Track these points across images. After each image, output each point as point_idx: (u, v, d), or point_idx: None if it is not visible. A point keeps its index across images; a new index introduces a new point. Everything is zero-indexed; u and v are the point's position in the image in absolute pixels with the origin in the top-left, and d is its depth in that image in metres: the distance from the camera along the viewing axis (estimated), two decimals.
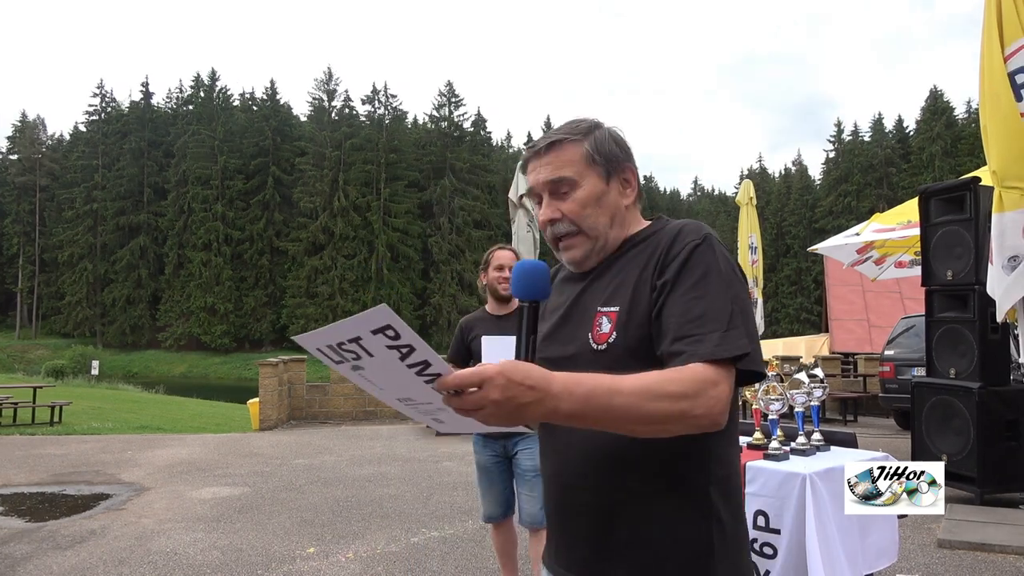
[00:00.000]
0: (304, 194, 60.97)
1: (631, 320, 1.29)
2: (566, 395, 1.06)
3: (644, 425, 1.13)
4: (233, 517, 5.82)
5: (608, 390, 1.09)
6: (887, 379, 11.06)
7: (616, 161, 1.41)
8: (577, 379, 1.09)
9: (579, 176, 1.38)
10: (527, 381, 1.04)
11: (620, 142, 1.44)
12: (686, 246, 1.27)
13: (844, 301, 20.64)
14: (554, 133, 1.42)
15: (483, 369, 1.03)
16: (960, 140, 57.90)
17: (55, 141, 69.73)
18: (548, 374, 1.07)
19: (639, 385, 1.11)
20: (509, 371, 1.03)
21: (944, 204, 6.05)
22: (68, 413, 12.78)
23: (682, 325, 1.20)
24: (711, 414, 1.14)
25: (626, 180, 1.43)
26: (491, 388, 1.02)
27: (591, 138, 1.40)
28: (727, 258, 1.29)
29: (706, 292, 1.22)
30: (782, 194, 69.45)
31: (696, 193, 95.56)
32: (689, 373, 1.14)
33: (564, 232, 1.40)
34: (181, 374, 53.89)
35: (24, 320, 64.34)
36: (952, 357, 5.93)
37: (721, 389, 1.15)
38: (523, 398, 1.04)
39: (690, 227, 1.33)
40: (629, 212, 1.43)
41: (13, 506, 6.23)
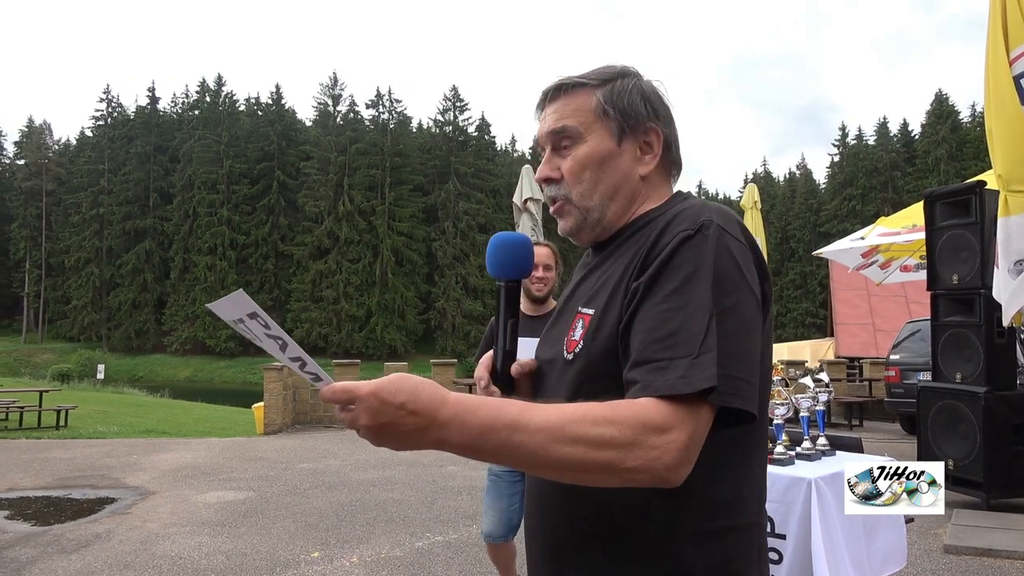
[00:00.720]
0: (309, 198, 61.13)
1: (600, 329, 1.06)
2: (456, 425, 0.89)
3: (556, 472, 0.91)
4: (238, 521, 5.83)
5: (511, 424, 0.88)
6: (893, 383, 11.03)
7: (636, 118, 1.14)
8: (476, 406, 0.90)
9: (584, 128, 1.14)
10: (409, 404, 0.88)
11: (650, 97, 1.16)
12: (674, 238, 1.01)
13: (849, 305, 20.61)
14: (573, 78, 1.17)
15: (356, 387, 0.89)
16: (965, 144, 57.76)
17: (62, 146, 70.08)
18: (439, 397, 0.89)
19: (552, 422, 0.89)
20: (385, 391, 0.88)
21: (949, 208, 6.04)
22: (74, 417, 12.82)
23: (647, 346, 0.95)
24: (652, 469, 0.88)
25: (647, 144, 1.15)
26: (361, 410, 0.88)
27: (609, 86, 1.15)
28: (728, 253, 1.00)
29: (686, 302, 0.95)
30: (787, 198, 69.34)
31: (701, 197, 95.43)
32: (628, 413, 0.89)
33: (556, 195, 1.17)
34: (186, 378, 53.99)
35: (30, 324, 64.56)
36: (958, 361, 5.90)
37: (672, 437, 0.88)
38: (402, 424, 0.88)
39: (687, 212, 1.06)
40: (648, 184, 1.16)
41: (19, 510, 6.24)
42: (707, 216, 1.02)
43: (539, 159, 1.23)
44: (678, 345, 0.93)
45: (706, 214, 1.03)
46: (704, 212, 1.04)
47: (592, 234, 1.18)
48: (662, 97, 1.18)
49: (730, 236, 1.01)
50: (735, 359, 0.94)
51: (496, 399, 0.95)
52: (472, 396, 0.93)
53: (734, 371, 0.94)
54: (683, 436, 0.89)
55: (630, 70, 1.19)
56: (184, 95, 68.36)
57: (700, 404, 0.91)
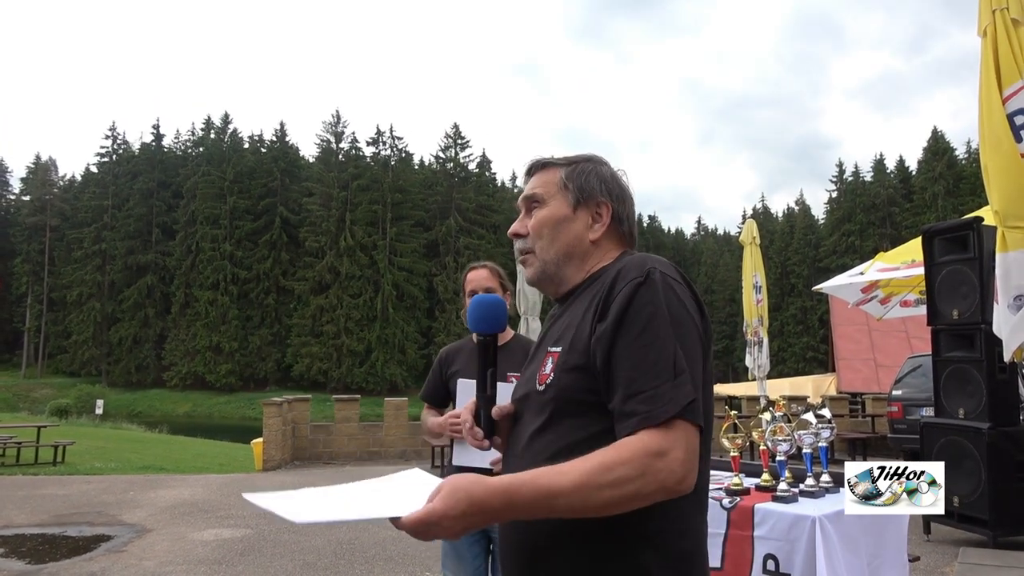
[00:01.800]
0: (311, 234, 61.46)
1: (566, 362, 1.26)
2: (508, 509, 1.10)
3: (601, 512, 1.10)
4: (235, 560, 5.75)
5: (548, 494, 1.08)
6: (895, 419, 10.96)
7: (589, 193, 1.39)
8: (516, 489, 1.09)
9: (548, 197, 1.40)
10: (470, 510, 1.08)
11: (606, 179, 1.42)
12: (627, 284, 1.21)
13: (850, 340, 20.57)
14: (546, 158, 1.46)
15: (428, 515, 1.07)
16: (962, 180, 58.24)
17: (66, 182, 70.68)
18: (487, 492, 1.08)
19: (579, 481, 1.08)
20: (452, 511, 1.07)
21: (948, 243, 6.07)
22: (71, 453, 12.72)
23: (633, 380, 1.15)
24: (665, 487, 1.10)
25: (597, 214, 1.39)
26: (440, 531, 1.09)
27: (572, 167, 1.41)
28: (674, 291, 1.22)
29: (654, 338, 1.16)
30: (785, 233, 69.67)
31: (700, 233, 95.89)
32: (629, 453, 1.09)
33: (523, 248, 1.42)
34: (185, 413, 53.64)
35: (30, 359, 64.37)
36: (960, 397, 5.88)
37: (672, 456, 1.10)
38: (472, 524, 1.09)
39: (633, 263, 1.27)
40: (599, 248, 1.39)
41: (14, 547, 6.16)
42: (651, 264, 1.24)
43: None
44: (660, 374, 1.14)
45: (650, 263, 1.25)
46: (648, 261, 1.25)
47: (552, 285, 1.41)
48: (619, 180, 1.44)
49: (672, 279, 1.24)
50: (693, 384, 1.16)
51: (525, 474, 1.11)
52: (512, 478, 1.11)
53: (694, 393, 1.16)
54: (680, 452, 1.11)
55: (595, 158, 1.46)
56: (190, 132, 69.26)
57: (683, 423, 1.12)
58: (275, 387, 56.33)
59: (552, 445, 1.23)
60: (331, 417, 13.42)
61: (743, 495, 2.80)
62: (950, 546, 5.75)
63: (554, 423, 1.24)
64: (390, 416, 13.42)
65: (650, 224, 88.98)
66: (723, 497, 2.80)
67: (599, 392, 1.20)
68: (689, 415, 1.13)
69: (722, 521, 2.74)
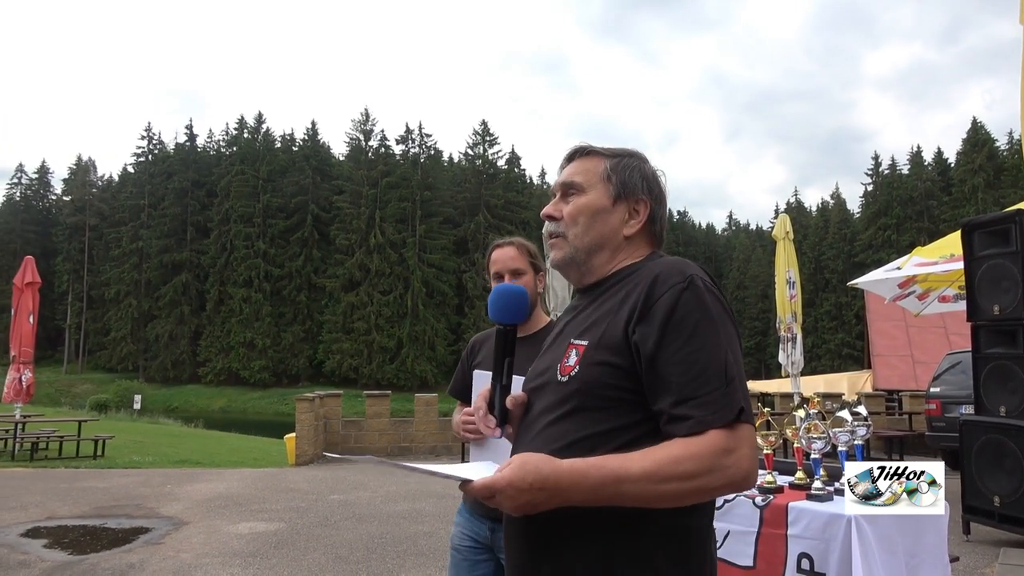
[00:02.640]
0: (341, 231, 62.06)
1: (594, 356, 1.27)
2: (575, 489, 1.12)
3: (663, 503, 1.14)
4: (269, 553, 5.84)
5: (616, 479, 1.11)
6: (934, 417, 10.72)
7: (632, 188, 1.40)
8: (584, 470, 1.12)
9: (588, 185, 1.39)
10: (537, 484, 1.11)
11: (648, 178, 1.42)
12: (670, 289, 1.22)
13: (887, 336, 20.17)
14: (591, 146, 1.45)
15: (494, 482, 1.12)
16: (1003, 172, 56.74)
17: (105, 182, 72.36)
18: (556, 470, 1.11)
19: (648, 469, 1.11)
20: (518, 480, 1.11)
21: (989, 237, 5.91)
22: (111, 447, 13.02)
23: (684, 385, 1.16)
24: (733, 482, 1.14)
25: (635, 211, 1.40)
26: (503, 499, 1.12)
27: (617, 160, 1.41)
28: (716, 297, 1.24)
29: (703, 343, 1.18)
30: (819, 228, 68.56)
31: (732, 228, 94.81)
32: (698, 448, 1.12)
33: (554, 231, 1.42)
34: (220, 408, 54.59)
35: (71, 355, 66.05)
36: (1002, 394, 5.73)
37: (741, 454, 1.14)
38: (535, 499, 1.12)
39: (672, 267, 1.27)
40: (630, 244, 1.40)
41: (57, 539, 6.33)
42: (692, 270, 1.26)
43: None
44: (711, 380, 1.16)
45: (690, 269, 1.26)
46: (687, 267, 1.26)
47: (577, 273, 1.41)
48: (659, 181, 1.44)
49: (712, 283, 1.26)
50: (743, 385, 1.20)
51: (593, 459, 1.14)
52: (580, 461, 1.14)
53: (747, 394, 1.20)
54: (746, 449, 1.15)
55: (639, 154, 1.45)
56: (223, 132, 70.36)
57: (743, 422, 1.15)
58: (307, 383, 57.07)
59: (569, 434, 1.24)
60: (362, 413, 13.55)
61: (777, 493, 2.77)
62: (990, 546, 5.62)
63: (575, 414, 1.26)
64: (420, 412, 13.51)
65: (680, 219, 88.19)
66: (756, 495, 2.76)
67: (625, 389, 1.22)
68: (746, 417, 1.16)
69: (755, 519, 2.71)
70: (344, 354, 58.77)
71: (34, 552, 5.81)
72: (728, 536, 2.79)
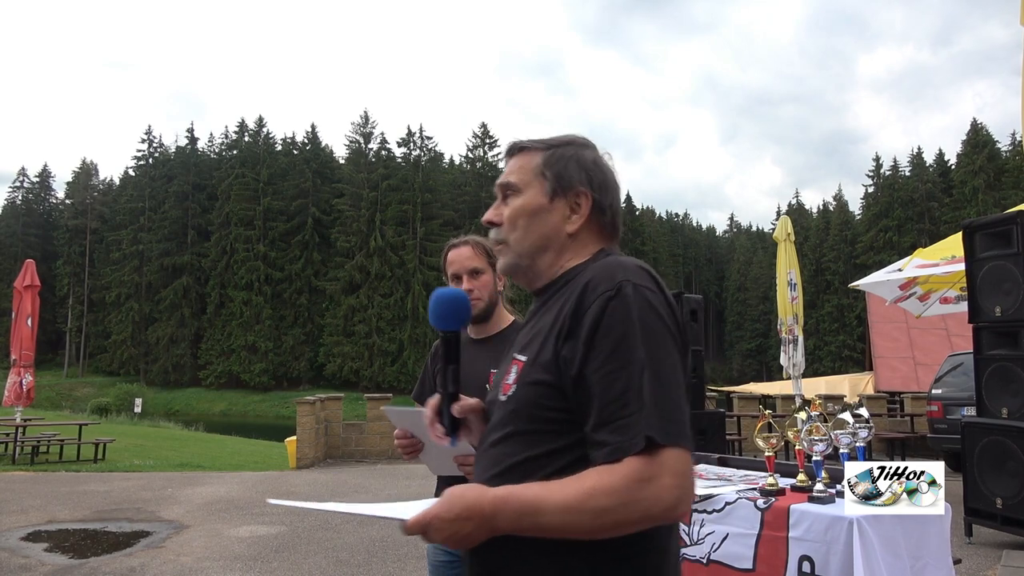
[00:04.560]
0: (341, 234, 62.09)
1: (529, 374, 1.19)
2: (500, 517, 1.06)
3: (590, 536, 1.06)
4: (270, 556, 5.83)
5: (534, 509, 1.05)
6: (935, 419, 10.71)
7: (567, 182, 1.29)
8: (505, 498, 1.07)
9: (524, 185, 1.30)
10: (463, 514, 1.06)
11: (588, 167, 1.31)
12: (598, 299, 1.12)
13: (888, 338, 20.15)
14: (525, 141, 1.36)
15: (423, 517, 1.07)
16: (1004, 173, 56.74)
17: (106, 185, 72.45)
18: (480, 499, 1.07)
19: (564, 501, 1.04)
20: (443, 513, 1.07)
21: (990, 238, 5.91)
22: (112, 450, 13.01)
23: (604, 407, 1.08)
24: (652, 515, 1.04)
25: (576, 204, 1.29)
26: (434, 533, 1.07)
27: (551, 152, 1.31)
28: (649, 305, 1.12)
29: (625, 360, 1.08)
30: (820, 230, 68.54)
31: (733, 230, 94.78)
32: (611, 480, 1.03)
33: (498, 238, 1.34)
34: (221, 412, 54.57)
35: (72, 359, 66.06)
36: (1004, 396, 5.72)
37: (660, 484, 1.03)
38: (464, 530, 1.07)
39: (603, 274, 1.16)
40: (576, 241, 1.30)
41: (57, 542, 6.33)
42: (622, 276, 1.15)
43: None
44: (629, 401, 1.06)
45: (620, 274, 1.15)
46: (618, 271, 1.16)
47: (525, 278, 1.33)
48: (602, 167, 1.32)
49: (646, 289, 1.14)
50: (672, 403, 1.08)
51: (520, 487, 1.08)
52: (504, 489, 1.08)
53: (674, 413, 1.07)
54: (666, 479, 1.03)
55: (578, 141, 1.34)
56: (223, 135, 70.43)
57: (667, 446, 1.04)
58: (308, 386, 57.05)
59: (508, 458, 1.18)
60: (363, 416, 13.54)
61: (778, 495, 2.76)
62: (993, 548, 5.60)
63: (513, 437, 1.19)
64: None
65: (680, 221, 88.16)
66: (757, 497, 2.76)
67: (561, 409, 1.14)
68: (673, 439, 1.05)
69: (756, 521, 2.70)
70: (345, 357, 58.77)
71: (35, 556, 5.80)
72: (728, 538, 2.78)
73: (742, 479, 3.14)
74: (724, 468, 3.48)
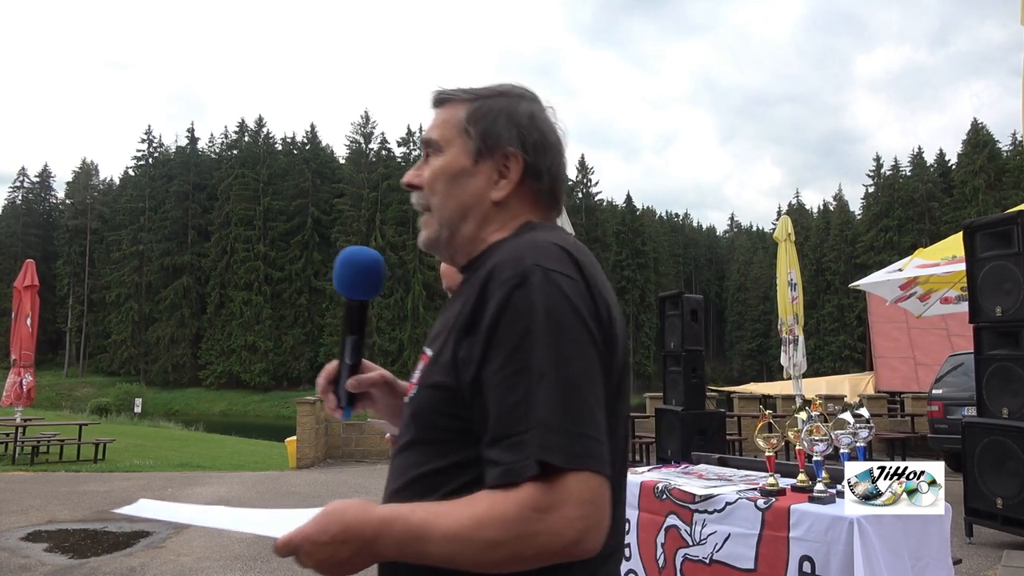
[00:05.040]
0: (342, 234, 62.08)
1: (430, 375, 1.02)
2: (382, 542, 0.90)
3: (484, 570, 0.89)
4: (270, 556, 5.81)
5: (418, 536, 0.88)
6: (936, 419, 10.71)
7: (495, 140, 1.08)
8: (391, 521, 0.90)
9: (445, 142, 1.10)
10: (339, 536, 0.89)
11: (520, 123, 1.10)
12: (501, 287, 0.94)
13: (888, 338, 20.16)
14: (453, 88, 1.15)
15: (292, 537, 0.91)
16: (1004, 173, 56.75)
17: (106, 185, 72.49)
18: (361, 520, 0.90)
19: (451, 530, 0.87)
20: (316, 534, 0.90)
21: (990, 238, 5.91)
22: (112, 450, 13.01)
23: (499, 419, 0.90)
24: (550, 551, 0.86)
25: (505, 167, 1.09)
26: (303, 557, 0.91)
27: (477, 104, 1.11)
28: (560, 296, 0.92)
29: (527, 363, 0.89)
30: (820, 230, 68.55)
31: (733, 230, 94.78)
32: (503, 508, 0.86)
33: (420, 203, 1.14)
34: (221, 412, 54.59)
35: (72, 359, 66.07)
36: (1004, 396, 5.71)
37: (560, 515, 0.85)
38: (340, 555, 0.90)
39: (512, 257, 0.97)
40: (503, 211, 1.10)
41: (57, 542, 6.32)
42: (531, 260, 0.94)
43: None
44: (528, 413, 0.88)
45: (530, 256, 0.95)
46: (528, 254, 0.96)
47: (447, 252, 1.14)
48: (540, 124, 1.12)
49: (560, 275, 0.94)
50: (580, 417, 0.89)
51: (407, 507, 0.92)
52: (391, 509, 0.92)
53: (582, 429, 0.88)
54: (569, 510, 0.85)
55: (513, 91, 1.14)
56: (223, 135, 70.49)
57: (571, 470, 0.86)
58: (308, 386, 56.97)
59: (410, 469, 1.03)
60: (363, 416, 13.52)
61: (779, 495, 2.76)
62: (993, 549, 5.60)
63: (415, 445, 1.03)
64: None
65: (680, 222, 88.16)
66: (758, 498, 2.75)
67: (462, 418, 0.96)
68: (578, 462, 0.86)
69: (757, 522, 2.70)
70: None
71: (35, 556, 5.80)
72: (729, 539, 2.78)
73: (742, 479, 3.14)
74: (724, 468, 3.48)
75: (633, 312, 70.45)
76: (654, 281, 71.51)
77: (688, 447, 5.86)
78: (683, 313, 7.04)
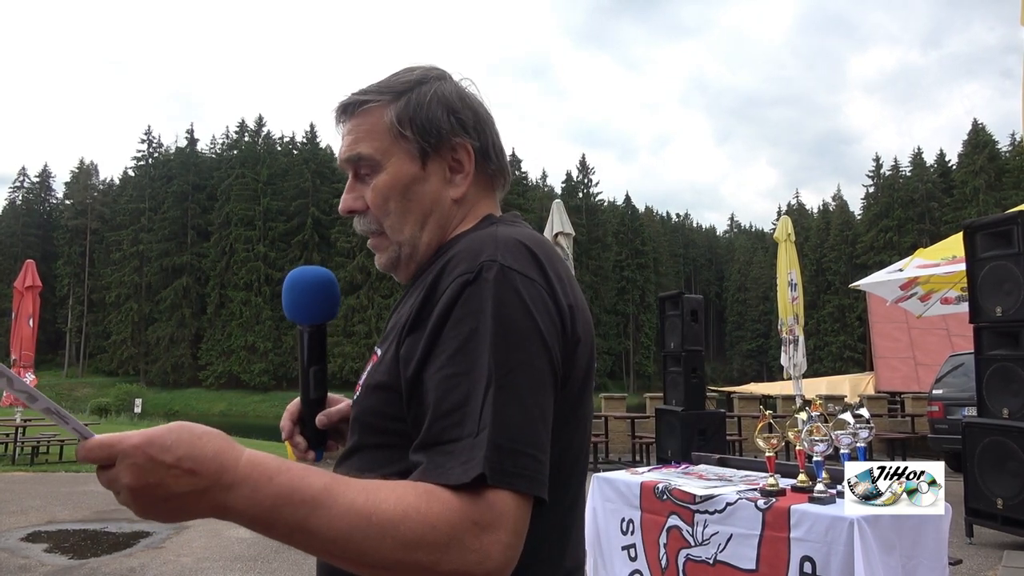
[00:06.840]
0: (341, 234, 62.11)
1: (375, 375, 0.94)
2: (246, 490, 0.72)
3: (355, 566, 0.76)
4: (270, 556, 5.82)
5: (312, 499, 0.73)
6: (936, 419, 10.71)
7: (438, 134, 0.98)
8: (274, 471, 0.74)
9: (381, 155, 0.98)
10: (185, 461, 0.70)
11: (454, 106, 1.00)
12: (453, 283, 0.85)
13: (889, 339, 20.16)
14: (360, 91, 1.02)
15: (118, 439, 0.72)
16: (1004, 173, 56.78)
17: (106, 185, 72.52)
18: (229, 453, 0.73)
19: (360, 506, 0.73)
20: (156, 446, 0.70)
21: (991, 238, 5.91)
22: None
23: (435, 422, 0.80)
24: (468, 572, 0.74)
25: (456, 162, 1.00)
26: (124, 468, 0.71)
27: (403, 101, 0.99)
28: (515, 297, 0.84)
29: (470, 366, 0.80)
30: (820, 230, 68.58)
31: (732, 230, 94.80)
32: (441, 510, 0.74)
33: (368, 229, 1.05)
34: (220, 412, 54.57)
35: (72, 359, 66.07)
36: (1005, 396, 5.71)
37: (494, 539, 0.74)
38: (173, 485, 0.71)
39: (468, 250, 0.89)
40: (464, 206, 1.01)
41: (57, 543, 6.32)
42: (489, 254, 0.86)
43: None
44: (466, 419, 0.78)
45: (488, 251, 0.87)
46: (486, 248, 0.87)
47: (407, 269, 1.04)
48: (468, 101, 1.03)
49: (518, 275, 0.85)
50: (520, 432, 0.79)
51: (304, 467, 0.77)
52: (273, 458, 0.76)
53: (519, 446, 0.78)
54: (502, 534, 0.75)
55: (429, 75, 1.03)
56: (223, 136, 70.53)
57: (505, 492, 0.76)
58: None
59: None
60: None
61: (779, 496, 2.76)
62: (993, 549, 5.60)
63: (360, 450, 0.94)
64: None
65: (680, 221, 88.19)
66: (758, 498, 2.75)
67: (407, 420, 0.87)
68: (508, 481, 0.76)
69: (757, 522, 2.70)
70: (345, 357, 58.73)
71: (35, 556, 5.80)
72: (731, 539, 2.78)
73: (743, 479, 3.14)
74: (724, 468, 3.48)
75: (633, 312, 70.48)
76: (654, 281, 71.56)
77: (688, 447, 5.86)
78: (683, 313, 7.04)
